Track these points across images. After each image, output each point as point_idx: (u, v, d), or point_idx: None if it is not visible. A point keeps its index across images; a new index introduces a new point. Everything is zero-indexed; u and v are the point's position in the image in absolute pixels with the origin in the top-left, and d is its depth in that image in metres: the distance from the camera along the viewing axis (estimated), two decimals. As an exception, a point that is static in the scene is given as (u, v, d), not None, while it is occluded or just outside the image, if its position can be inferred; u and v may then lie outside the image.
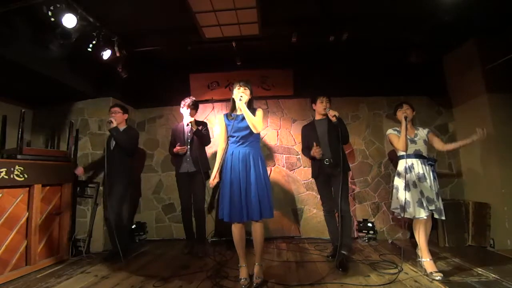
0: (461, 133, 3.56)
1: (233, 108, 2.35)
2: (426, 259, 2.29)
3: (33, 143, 3.59)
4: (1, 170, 2.35)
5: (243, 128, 2.24)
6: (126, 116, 3.12)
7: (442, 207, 2.37)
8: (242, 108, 2.18)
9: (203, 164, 3.11)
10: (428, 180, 2.38)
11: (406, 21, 2.91)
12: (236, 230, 2.23)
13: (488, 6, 2.55)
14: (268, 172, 3.81)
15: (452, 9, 2.49)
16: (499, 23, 2.90)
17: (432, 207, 2.33)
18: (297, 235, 3.69)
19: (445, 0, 2.45)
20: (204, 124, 3.23)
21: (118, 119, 2.99)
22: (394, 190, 2.56)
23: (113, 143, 3.01)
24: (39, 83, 3.02)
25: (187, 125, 3.07)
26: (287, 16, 2.98)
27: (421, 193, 2.36)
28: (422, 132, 2.55)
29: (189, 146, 3.11)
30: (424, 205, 2.31)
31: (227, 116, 2.37)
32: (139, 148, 3.93)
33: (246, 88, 2.32)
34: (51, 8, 2.33)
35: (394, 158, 3.49)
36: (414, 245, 3.19)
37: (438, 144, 2.54)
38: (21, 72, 2.69)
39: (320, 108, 2.80)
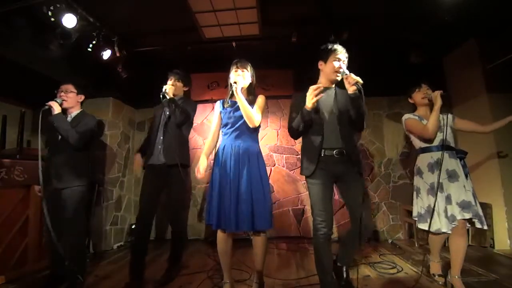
0: (461, 133, 3.55)
1: (231, 94, 1.90)
2: (434, 260, 2.14)
3: (33, 143, 3.59)
4: (1, 170, 2.34)
5: (239, 117, 1.87)
6: (81, 97, 2.30)
7: (481, 213, 1.85)
8: (236, 96, 1.80)
9: (180, 154, 2.23)
10: (460, 179, 1.88)
11: (406, 21, 2.91)
12: (221, 239, 1.87)
13: (488, 6, 2.55)
14: (268, 173, 3.83)
15: (452, 9, 2.49)
16: (499, 23, 2.90)
17: (469, 214, 1.80)
18: (297, 235, 3.69)
19: (445, 0, 2.45)
20: (189, 103, 2.40)
21: (70, 100, 2.20)
22: (414, 193, 2.07)
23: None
24: (39, 83, 3.02)
25: (162, 93, 2.20)
26: (287, 16, 2.98)
27: (448, 198, 1.85)
28: (446, 118, 1.99)
29: (163, 129, 2.30)
30: (449, 214, 1.83)
31: (223, 103, 2.01)
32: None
33: (245, 69, 1.93)
34: (51, 8, 2.34)
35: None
36: (414, 244, 3.21)
37: (475, 126, 2.04)
38: (21, 72, 2.69)
39: (331, 69, 1.81)
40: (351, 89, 1.66)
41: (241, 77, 1.89)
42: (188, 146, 2.46)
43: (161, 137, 2.28)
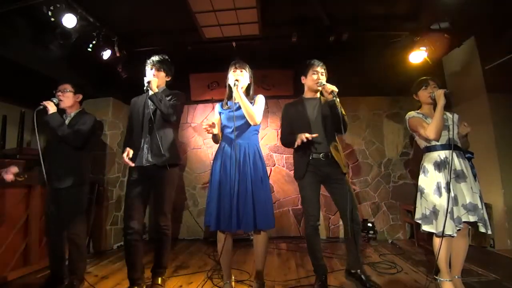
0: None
1: (229, 95, 1.95)
2: (445, 279, 1.80)
3: (33, 143, 3.59)
4: (1, 170, 2.34)
5: (239, 118, 1.89)
6: (79, 96, 2.26)
7: (487, 217, 1.77)
8: (236, 94, 1.82)
9: (170, 153, 2.03)
10: (468, 180, 1.80)
11: (406, 21, 2.91)
12: (222, 239, 1.87)
13: (488, 6, 2.55)
14: (268, 173, 3.82)
15: (452, 9, 2.49)
16: (499, 23, 2.90)
17: (475, 218, 1.74)
18: (297, 235, 3.69)
19: (445, 0, 2.45)
20: (176, 94, 2.13)
21: (68, 100, 2.18)
22: (418, 194, 1.94)
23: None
24: (39, 83, 3.02)
25: (145, 87, 2.02)
26: (287, 16, 2.99)
27: (454, 199, 1.76)
28: (452, 117, 1.92)
29: (148, 126, 2.06)
30: (455, 216, 1.74)
31: (222, 104, 2.04)
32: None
33: (243, 70, 1.95)
34: (51, 8, 2.34)
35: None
36: (414, 244, 3.21)
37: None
38: (21, 72, 2.69)
39: (311, 82, 2.08)
40: (329, 97, 1.95)
41: (240, 77, 1.92)
42: (178, 142, 2.24)
43: (147, 135, 2.05)
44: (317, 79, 2.04)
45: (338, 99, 1.90)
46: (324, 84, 1.96)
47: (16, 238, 2.46)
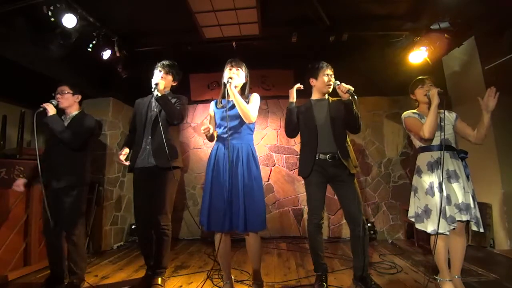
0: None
1: (224, 93, 1.88)
2: (445, 279, 1.82)
3: (33, 143, 3.59)
4: (1, 170, 2.34)
5: (233, 117, 1.86)
6: (78, 97, 2.24)
7: (479, 215, 1.80)
8: (230, 92, 1.79)
9: (173, 155, 2.08)
10: (460, 180, 1.82)
11: (406, 21, 2.91)
12: (219, 239, 1.84)
13: (488, 6, 2.55)
14: (268, 173, 3.83)
15: (452, 9, 2.49)
16: (499, 23, 2.90)
17: (467, 217, 1.75)
18: (297, 235, 3.69)
19: (445, 0, 2.45)
20: (179, 98, 2.20)
21: (66, 101, 2.17)
22: (411, 193, 1.98)
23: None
24: (39, 83, 3.02)
25: (153, 88, 2.02)
26: (287, 16, 2.99)
27: (447, 199, 1.78)
28: (448, 116, 1.95)
29: (151, 128, 2.11)
30: (448, 215, 1.76)
31: (216, 103, 2.00)
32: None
33: (239, 68, 1.92)
34: (51, 8, 2.34)
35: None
36: (414, 244, 3.21)
37: (471, 134, 1.93)
38: (21, 72, 2.69)
39: (322, 84, 2.07)
40: (345, 96, 1.92)
41: (235, 75, 1.88)
42: (179, 145, 2.30)
43: (149, 137, 2.10)
44: (329, 81, 2.06)
45: (356, 97, 1.88)
46: (339, 84, 1.95)
47: (16, 238, 2.46)
